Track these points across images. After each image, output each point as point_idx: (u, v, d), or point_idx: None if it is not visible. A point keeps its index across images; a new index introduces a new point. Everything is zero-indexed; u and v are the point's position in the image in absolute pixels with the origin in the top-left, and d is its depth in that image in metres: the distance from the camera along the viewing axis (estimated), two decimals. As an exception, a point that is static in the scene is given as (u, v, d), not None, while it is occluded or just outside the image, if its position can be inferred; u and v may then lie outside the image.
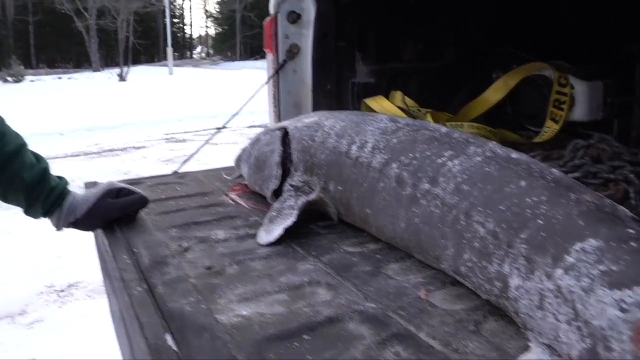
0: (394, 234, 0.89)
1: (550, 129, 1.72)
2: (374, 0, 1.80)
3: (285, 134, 1.13)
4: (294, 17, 1.68)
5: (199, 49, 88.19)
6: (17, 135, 0.98)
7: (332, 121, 1.06)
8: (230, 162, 1.43)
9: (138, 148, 6.87)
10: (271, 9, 1.71)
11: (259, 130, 6.66)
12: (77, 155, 6.42)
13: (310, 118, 1.13)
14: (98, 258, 1.14)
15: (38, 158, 1.01)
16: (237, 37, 46.66)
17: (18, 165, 0.96)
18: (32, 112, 8.87)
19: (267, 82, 1.80)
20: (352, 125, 1.01)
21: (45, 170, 1.01)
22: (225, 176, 1.40)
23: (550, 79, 1.75)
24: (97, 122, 8.18)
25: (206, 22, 70.93)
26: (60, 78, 21.45)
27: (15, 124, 0.99)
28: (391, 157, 0.89)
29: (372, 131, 0.96)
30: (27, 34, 39.07)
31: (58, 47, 41.48)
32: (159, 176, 1.52)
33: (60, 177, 1.06)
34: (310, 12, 1.66)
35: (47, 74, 27.72)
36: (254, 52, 50.11)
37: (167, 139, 7.53)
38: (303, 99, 1.76)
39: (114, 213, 1.08)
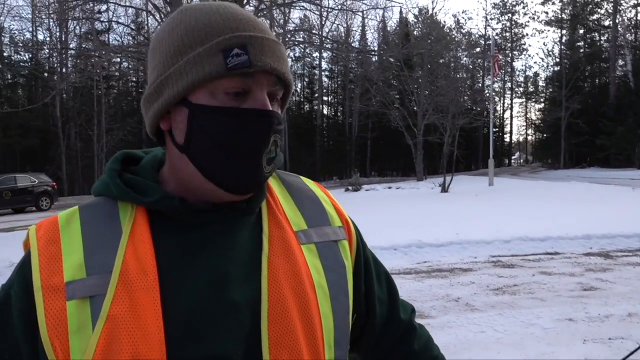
0: None
1: None
2: None
3: None
4: None
5: (517, 154, 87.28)
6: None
7: None
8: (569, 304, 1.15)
9: (465, 270, 6.86)
10: None
11: (598, 259, 5.77)
12: (409, 273, 6.77)
13: None
14: None
15: None
16: (562, 145, 44.26)
17: None
18: (370, 223, 9.91)
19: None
20: None
21: None
22: None
23: None
24: (424, 237, 8.59)
25: (526, 129, 70.06)
26: (390, 188, 23.92)
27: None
28: None
29: None
30: (365, 148, 45.66)
31: (388, 158, 47.00)
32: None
33: None
34: None
35: (379, 182, 31.43)
36: (579, 160, 46.59)
37: (494, 262, 7.32)
38: None
39: None
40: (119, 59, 29.95)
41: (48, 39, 37.10)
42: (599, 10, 47.92)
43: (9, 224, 15.65)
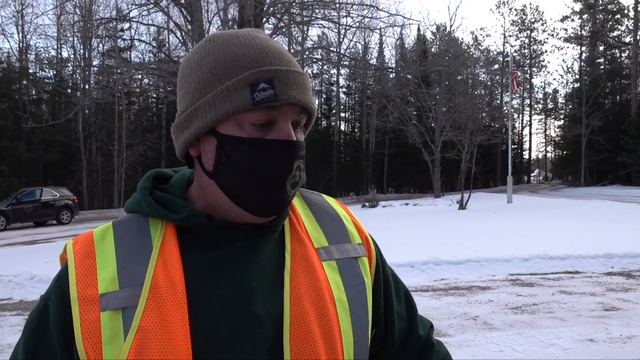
0: None
1: None
2: None
3: None
4: None
5: (536, 172, 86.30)
6: None
7: None
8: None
9: (483, 289, 6.78)
10: None
11: (619, 279, 5.66)
12: (426, 291, 6.72)
13: None
14: None
15: None
16: (582, 162, 43.70)
17: None
18: (387, 239, 9.85)
19: None
20: None
21: None
22: None
23: None
24: (442, 254, 8.51)
25: (545, 146, 69.32)
26: (407, 204, 23.79)
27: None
28: None
29: None
30: (382, 164, 45.58)
31: (405, 175, 46.84)
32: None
33: None
34: None
35: (395, 198, 31.30)
36: (600, 177, 45.90)
37: (512, 280, 7.24)
38: None
39: None
40: (140, 76, 30.53)
41: (72, 56, 38.02)
42: (619, 27, 47.63)
43: (30, 236, 15.93)
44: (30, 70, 36.66)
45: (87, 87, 34.21)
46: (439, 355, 0.93)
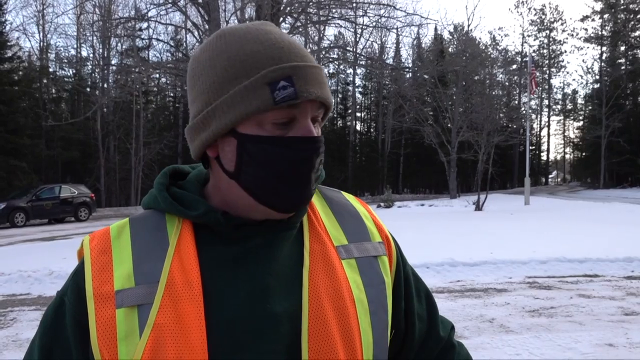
0: None
1: None
2: None
3: None
4: None
5: (554, 173, 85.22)
6: None
7: None
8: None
9: (500, 291, 6.70)
10: None
11: None
12: (442, 292, 6.67)
13: None
14: None
15: None
16: (602, 164, 43.04)
17: None
18: (402, 240, 9.80)
19: None
20: None
21: None
22: None
23: None
24: (458, 256, 8.44)
25: (564, 147, 68.43)
26: (422, 205, 23.65)
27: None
28: None
29: None
30: (397, 165, 45.38)
31: (421, 175, 46.56)
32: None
33: None
34: None
35: (411, 199, 31.15)
36: (620, 179, 45.16)
37: (529, 283, 7.14)
38: None
39: None
40: (157, 75, 30.80)
41: (91, 55, 38.56)
42: (641, 26, 46.77)
43: (49, 233, 16.16)
44: (51, 69, 37.20)
45: (105, 85, 34.62)
46: (460, 357, 0.91)
